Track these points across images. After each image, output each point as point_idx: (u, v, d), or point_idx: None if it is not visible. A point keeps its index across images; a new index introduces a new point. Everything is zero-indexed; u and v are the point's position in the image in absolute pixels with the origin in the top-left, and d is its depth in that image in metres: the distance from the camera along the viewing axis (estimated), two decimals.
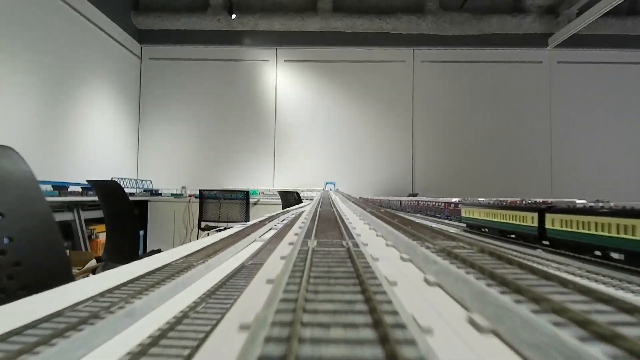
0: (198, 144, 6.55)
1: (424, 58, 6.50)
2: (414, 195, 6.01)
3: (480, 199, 1.48)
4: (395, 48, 6.47)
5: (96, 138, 5.54)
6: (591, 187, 6.16)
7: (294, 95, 6.54)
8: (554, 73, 6.49)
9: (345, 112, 6.50)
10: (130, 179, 5.30)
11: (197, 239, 4.05)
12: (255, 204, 5.20)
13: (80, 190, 4.50)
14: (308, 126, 6.49)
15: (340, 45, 6.46)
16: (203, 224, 4.41)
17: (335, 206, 1.26)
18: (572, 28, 6.13)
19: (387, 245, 0.75)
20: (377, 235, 0.89)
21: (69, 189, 4.17)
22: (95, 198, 4.53)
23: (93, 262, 4.13)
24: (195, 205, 4.78)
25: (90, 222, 4.51)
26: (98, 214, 4.69)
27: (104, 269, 2.02)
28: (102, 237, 4.51)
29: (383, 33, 6.42)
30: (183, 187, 6.35)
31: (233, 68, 6.57)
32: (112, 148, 5.96)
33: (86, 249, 4.27)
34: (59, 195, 4.10)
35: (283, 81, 6.55)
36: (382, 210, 1.36)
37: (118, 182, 5.02)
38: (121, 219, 2.06)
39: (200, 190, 4.40)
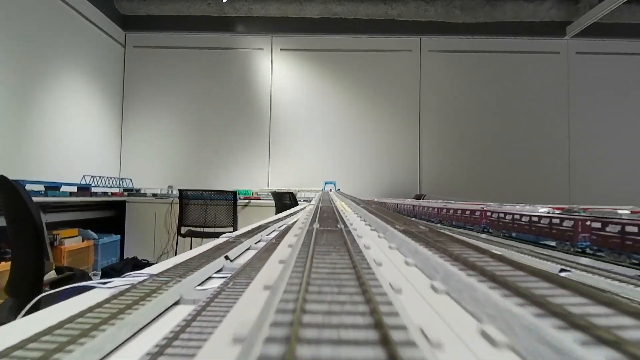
0: (187, 140, 5.86)
1: (432, 47, 5.83)
2: (420, 196, 5.34)
3: None
4: (401, 36, 5.79)
5: (72, 133, 4.85)
6: (614, 191, 5.51)
7: (291, 86, 5.85)
8: (572, 64, 5.82)
9: (346, 106, 5.82)
10: (107, 177, 4.61)
11: (176, 247, 3.34)
12: (245, 205, 4.52)
13: (43, 189, 3.80)
14: (306, 120, 5.81)
15: (341, 33, 5.79)
16: (184, 229, 3.72)
17: (350, 234, 0.58)
18: (593, 15, 5.46)
19: None
20: None
21: (26, 187, 3.46)
22: (60, 198, 3.85)
23: (52, 274, 3.45)
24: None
25: (54, 225, 3.82)
26: (65, 216, 4.01)
27: (4, 311, 1.34)
28: (68, 243, 3.83)
29: (388, 20, 5.74)
30: (170, 187, 5.68)
31: (225, 57, 5.89)
32: (92, 144, 5.27)
33: (47, 257, 3.56)
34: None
35: (279, 71, 5.86)
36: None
37: (91, 180, 4.34)
38: (17, 232, 1.39)
39: (180, 190, 3.71)
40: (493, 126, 5.81)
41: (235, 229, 3.67)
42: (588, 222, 0.66)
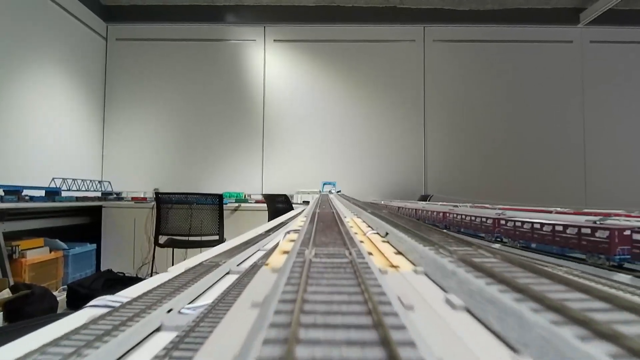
0: (175, 139, 5.32)
1: (436, 37, 5.31)
2: (427, 197, 4.82)
3: None
4: (404, 25, 5.28)
5: (47, 132, 4.31)
6: (633, 189, 5.01)
7: (286, 80, 5.33)
8: (586, 54, 5.33)
9: (345, 101, 5.30)
10: (81, 180, 4.06)
11: (153, 261, 2.80)
12: (235, 209, 4.00)
13: (2, 193, 3.26)
14: (302, 117, 5.29)
15: (339, 22, 5.27)
16: (163, 239, 3.19)
17: None
18: (609, 1, 4.97)
19: None
20: None
21: None
22: (24, 204, 3.31)
23: (6, 293, 2.91)
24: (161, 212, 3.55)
25: (14, 235, 3.28)
26: (31, 224, 3.47)
27: None
28: (31, 255, 3.29)
29: (389, 7, 5.23)
30: (156, 189, 5.15)
31: (214, 49, 5.36)
32: (70, 144, 4.73)
33: (3, 273, 3.03)
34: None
35: (273, 64, 5.34)
36: None
37: (61, 183, 3.80)
38: None
39: (156, 193, 3.18)
40: (502, 121, 5.31)
41: (221, 238, 3.13)
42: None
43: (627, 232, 0.58)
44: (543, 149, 5.26)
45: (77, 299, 3.06)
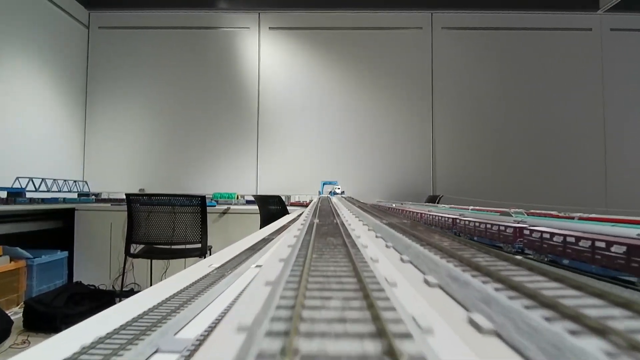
0: (162, 136, 4.84)
1: (445, 24, 4.83)
2: (435, 198, 4.34)
3: None
4: (410, 11, 4.79)
5: (22, 129, 3.81)
6: None
7: (282, 71, 4.84)
8: (606, 43, 4.85)
9: (347, 93, 4.82)
10: (51, 180, 3.57)
11: (124, 275, 2.29)
12: (224, 213, 3.50)
13: None
14: (300, 111, 4.80)
15: (340, 8, 4.78)
16: (135, 248, 2.69)
17: None
18: None
19: None
20: None
21: None
22: None
23: None
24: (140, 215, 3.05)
25: None
26: None
27: None
28: None
29: None
30: (141, 190, 4.68)
31: (205, 38, 4.87)
32: (48, 141, 4.24)
33: None
34: None
35: (268, 54, 4.85)
36: None
37: (27, 182, 3.30)
38: None
39: (127, 195, 2.68)
40: (516, 115, 4.82)
41: (204, 247, 2.64)
42: None
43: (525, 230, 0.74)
44: (560, 145, 4.78)
45: (36, 318, 2.57)
